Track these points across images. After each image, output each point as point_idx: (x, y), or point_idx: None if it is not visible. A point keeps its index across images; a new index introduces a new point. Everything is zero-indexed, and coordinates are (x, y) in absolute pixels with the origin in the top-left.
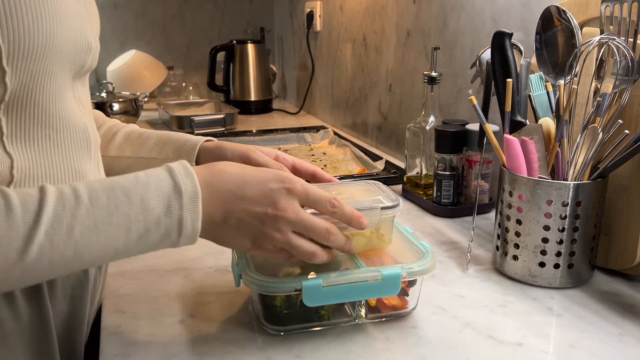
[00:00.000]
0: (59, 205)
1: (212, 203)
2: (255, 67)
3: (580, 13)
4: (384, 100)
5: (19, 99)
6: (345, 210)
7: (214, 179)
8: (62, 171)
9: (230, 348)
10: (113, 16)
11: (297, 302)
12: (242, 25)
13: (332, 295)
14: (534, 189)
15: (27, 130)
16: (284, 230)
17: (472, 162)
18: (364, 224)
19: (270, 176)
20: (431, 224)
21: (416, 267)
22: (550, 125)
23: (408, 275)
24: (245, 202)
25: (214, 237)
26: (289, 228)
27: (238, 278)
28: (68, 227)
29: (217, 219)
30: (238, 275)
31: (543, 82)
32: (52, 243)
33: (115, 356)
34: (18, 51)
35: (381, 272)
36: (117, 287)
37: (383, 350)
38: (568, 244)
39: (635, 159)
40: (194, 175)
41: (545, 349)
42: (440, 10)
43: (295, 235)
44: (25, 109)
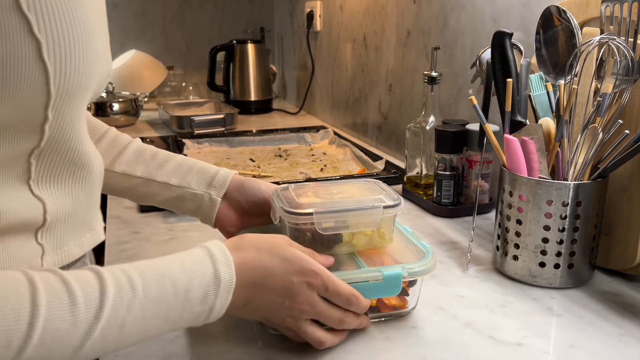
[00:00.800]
0: (117, 299)
1: (238, 291)
2: (255, 67)
3: (581, 13)
4: (384, 100)
5: (53, 143)
6: (361, 306)
7: (243, 267)
8: (85, 208)
9: (230, 348)
10: (113, 16)
11: None
12: (242, 25)
13: None
14: (534, 189)
15: (56, 171)
16: (296, 317)
17: (472, 162)
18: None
19: (295, 268)
20: (431, 224)
21: (417, 268)
22: (550, 125)
23: (409, 275)
24: (266, 292)
25: (230, 313)
26: (302, 316)
27: None
28: (122, 322)
29: (239, 304)
30: None
31: (543, 82)
32: (104, 338)
33: (116, 356)
34: (64, 97)
35: (382, 272)
36: None
37: (383, 350)
38: (568, 244)
39: (635, 159)
40: (232, 265)
41: (545, 349)
42: (441, 10)
43: (305, 322)
44: (58, 151)
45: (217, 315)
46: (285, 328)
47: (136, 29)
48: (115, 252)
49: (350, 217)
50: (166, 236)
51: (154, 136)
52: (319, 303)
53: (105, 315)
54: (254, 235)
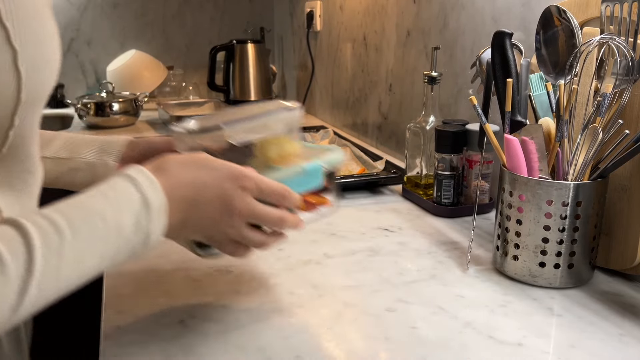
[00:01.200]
0: (45, 249)
1: (172, 211)
2: (255, 67)
3: (581, 13)
4: (384, 100)
5: (13, 149)
6: (293, 199)
7: (172, 186)
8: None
9: (229, 348)
10: (113, 16)
11: None
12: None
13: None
14: (534, 189)
15: (11, 178)
16: (237, 226)
17: (472, 162)
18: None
19: (225, 175)
20: (431, 224)
21: (332, 158)
22: (550, 125)
23: (327, 165)
24: (202, 205)
25: (169, 238)
26: (242, 223)
27: None
28: (56, 270)
29: (176, 225)
30: None
31: (543, 82)
32: (42, 291)
33: (116, 356)
34: (31, 103)
35: (302, 166)
36: (117, 287)
37: (383, 351)
38: (568, 244)
39: (635, 159)
40: (157, 186)
41: (545, 349)
42: (441, 10)
43: (246, 229)
44: (17, 157)
45: (156, 240)
46: (227, 242)
47: (136, 29)
48: None
49: (258, 124)
50: None
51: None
52: (256, 205)
53: (37, 268)
54: (174, 155)
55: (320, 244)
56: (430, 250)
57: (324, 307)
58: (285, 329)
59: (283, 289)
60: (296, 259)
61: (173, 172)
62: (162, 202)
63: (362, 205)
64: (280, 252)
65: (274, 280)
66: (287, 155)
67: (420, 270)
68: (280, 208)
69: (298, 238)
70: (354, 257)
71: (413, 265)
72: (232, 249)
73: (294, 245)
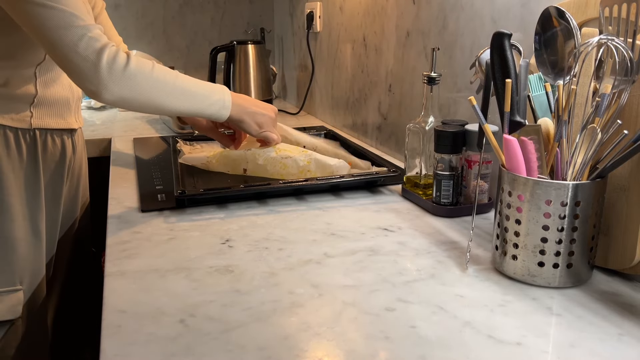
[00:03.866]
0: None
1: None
2: (255, 68)
3: (580, 13)
4: (383, 100)
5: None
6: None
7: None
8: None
9: (230, 348)
10: (114, 17)
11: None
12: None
13: None
14: (533, 189)
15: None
16: (267, 116)
17: (471, 162)
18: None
19: (265, 104)
20: (431, 224)
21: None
22: (549, 125)
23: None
24: (249, 101)
25: (240, 113)
26: (269, 119)
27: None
28: (174, 74)
29: (237, 102)
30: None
31: (542, 83)
32: (182, 83)
33: (116, 356)
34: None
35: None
36: (118, 287)
37: (382, 350)
38: (567, 243)
39: (634, 159)
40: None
41: (544, 349)
42: (440, 11)
43: (270, 122)
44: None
45: (229, 102)
46: (257, 125)
47: (137, 30)
48: (115, 252)
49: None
50: (167, 236)
51: (154, 136)
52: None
53: (178, 73)
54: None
55: (320, 244)
56: (429, 250)
57: (324, 307)
58: (285, 329)
59: (283, 289)
60: (296, 259)
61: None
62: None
63: (361, 205)
64: (280, 252)
65: (274, 280)
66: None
67: (419, 270)
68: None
69: (298, 238)
70: (354, 257)
71: (412, 265)
72: (258, 130)
73: (294, 245)
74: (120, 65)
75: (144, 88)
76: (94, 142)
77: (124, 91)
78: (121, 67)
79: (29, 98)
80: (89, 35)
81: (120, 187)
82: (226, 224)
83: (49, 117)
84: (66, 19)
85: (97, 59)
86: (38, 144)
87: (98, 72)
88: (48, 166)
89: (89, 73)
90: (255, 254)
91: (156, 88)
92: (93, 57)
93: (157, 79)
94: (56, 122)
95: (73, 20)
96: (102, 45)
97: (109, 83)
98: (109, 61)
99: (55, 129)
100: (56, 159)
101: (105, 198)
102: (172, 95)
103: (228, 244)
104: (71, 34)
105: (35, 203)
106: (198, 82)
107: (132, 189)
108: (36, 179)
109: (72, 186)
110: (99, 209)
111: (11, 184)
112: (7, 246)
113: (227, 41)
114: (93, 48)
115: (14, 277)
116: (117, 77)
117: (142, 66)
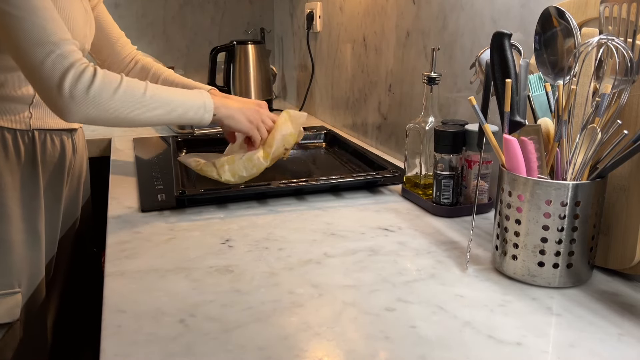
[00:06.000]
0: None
1: (216, 99)
2: (255, 68)
3: (580, 13)
4: (383, 100)
5: None
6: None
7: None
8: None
9: (230, 348)
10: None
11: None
12: (242, 26)
13: None
14: (533, 189)
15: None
16: (259, 113)
17: (471, 162)
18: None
19: (252, 101)
20: (431, 224)
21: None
22: (549, 125)
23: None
24: (235, 101)
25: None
26: (259, 116)
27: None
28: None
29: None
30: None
31: (542, 83)
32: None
33: (116, 356)
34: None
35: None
36: (118, 287)
37: (382, 350)
38: (567, 243)
39: (634, 159)
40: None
41: (544, 349)
42: (440, 11)
43: (262, 119)
44: None
45: (210, 105)
46: (248, 122)
47: (137, 30)
48: (115, 252)
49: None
50: (167, 236)
51: (154, 136)
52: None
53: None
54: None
55: (320, 244)
56: (429, 250)
57: (324, 307)
58: (285, 329)
59: (283, 289)
60: (296, 259)
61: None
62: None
63: (361, 205)
64: (280, 251)
65: (274, 280)
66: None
67: (419, 270)
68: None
69: (298, 238)
70: (354, 257)
71: (412, 265)
72: (247, 127)
73: (294, 245)
74: (83, 86)
75: (109, 106)
76: (94, 142)
77: (89, 111)
78: (84, 88)
79: (27, 99)
80: (57, 53)
81: (120, 187)
82: (226, 224)
83: (49, 117)
84: (36, 34)
85: (60, 79)
86: (37, 145)
87: (60, 94)
88: (47, 167)
89: (52, 93)
90: (255, 254)
91: (123, 104)
92: (57, 78)
93: (123, 95)
94: (56, 122)
95: (43, 36)
96: (69, 63)
97: (70, 104)
98: (72, 83)
99: (55, 129)
100: (55, 160)
101: (105, 198)
102: (144, 108)
103: (228, 244)
104: (39, 50)
105: (34, 204)
106: (176, 90)
107: (132, 189)
108: (34, 180)
109: (72, 186)
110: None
111: (8, 186)
112: (3, 249)
113: (227, 41)
114: (59, 66)
115: (11, 279)
116: (79, 99)
117: (107, 84)
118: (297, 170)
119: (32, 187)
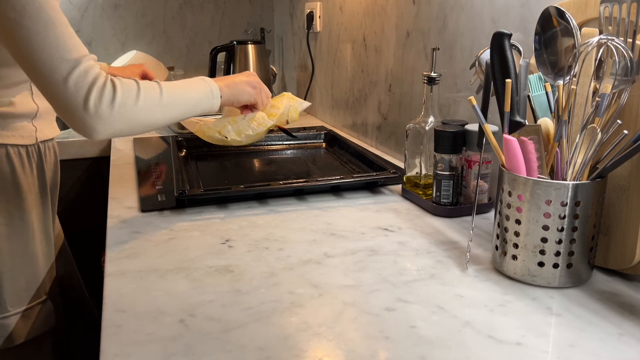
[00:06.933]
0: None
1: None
2: (255, 68)
3: (580, 13)
4: (383, 100)
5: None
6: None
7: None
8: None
9: (230, 348)
10: (113, 16)
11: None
12: (242, 26)
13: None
14: (533, 189)
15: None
16: (256, 83)
17: (471, 162)
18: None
19: (250, 74)
20: (431, 224)
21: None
22: (549, 125)
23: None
24: (236, 77)
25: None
26: (257, 84)
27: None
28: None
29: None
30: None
31: (542, 83)
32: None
33: (116, 356)
34: None
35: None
36: (118, 287)
37: (382, 350)
38: (567, 243)
39: (634, 159)
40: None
41: (544, 349)
42: (440, 11)
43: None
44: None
45: (216, 89)
46: (252, 88)
47: (137, 30)
48: (115, 252)
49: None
50: (166, 236)
51: (155, 136)
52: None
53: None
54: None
55: (320, 244)
56: (429, 250)
57: (324, 307)
58: (285, 329)
59: (283, 289)
60: (296, 259)
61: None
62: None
63: (361, 205)
64: (280, 251)
65: (273, 280)
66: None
67: (419, 270)
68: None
69: (298, 238)
70: (354, 257)
71: (412, 265)
72: (254, 90)
73: (294, 245)
74: (107, 102)
75: (132, 116)
76: (94, 142)
77: (115, 127)
78: (108, 103)
79: (32, 113)
80: (80, 70)
81: (120, 187)
82: (226, 224)
83: (47, 127)
84: (58, 50)
85: (85, 99)
86: (42, 156)
87: (87, 113)
88: (50, 175)
89: (77, 113)
90: (255, 254)
91: (145, 111)
92: (81, 97)
93: (144, 102)
94: (52, 131)
95: (64, 53)
96: (92, 79)
97: (97, 124)
98: (96, 101)
99: (51, 138)
100: (52, 167)
101: (105, 198)
102: (163, 110)
103: (228, 244)
104: (62, 67)
105: (47, 214)
106: (181, 85)
107: (132, 189)
108: (45, 191)
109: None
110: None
111: (28, 202)
112: (32, 262)
113: (227, 41)
114: (82, 84)
115: (39, 290)
116: (105, 117)
117: (127, 95)
118: (297, 170)
119: (45, 198)
